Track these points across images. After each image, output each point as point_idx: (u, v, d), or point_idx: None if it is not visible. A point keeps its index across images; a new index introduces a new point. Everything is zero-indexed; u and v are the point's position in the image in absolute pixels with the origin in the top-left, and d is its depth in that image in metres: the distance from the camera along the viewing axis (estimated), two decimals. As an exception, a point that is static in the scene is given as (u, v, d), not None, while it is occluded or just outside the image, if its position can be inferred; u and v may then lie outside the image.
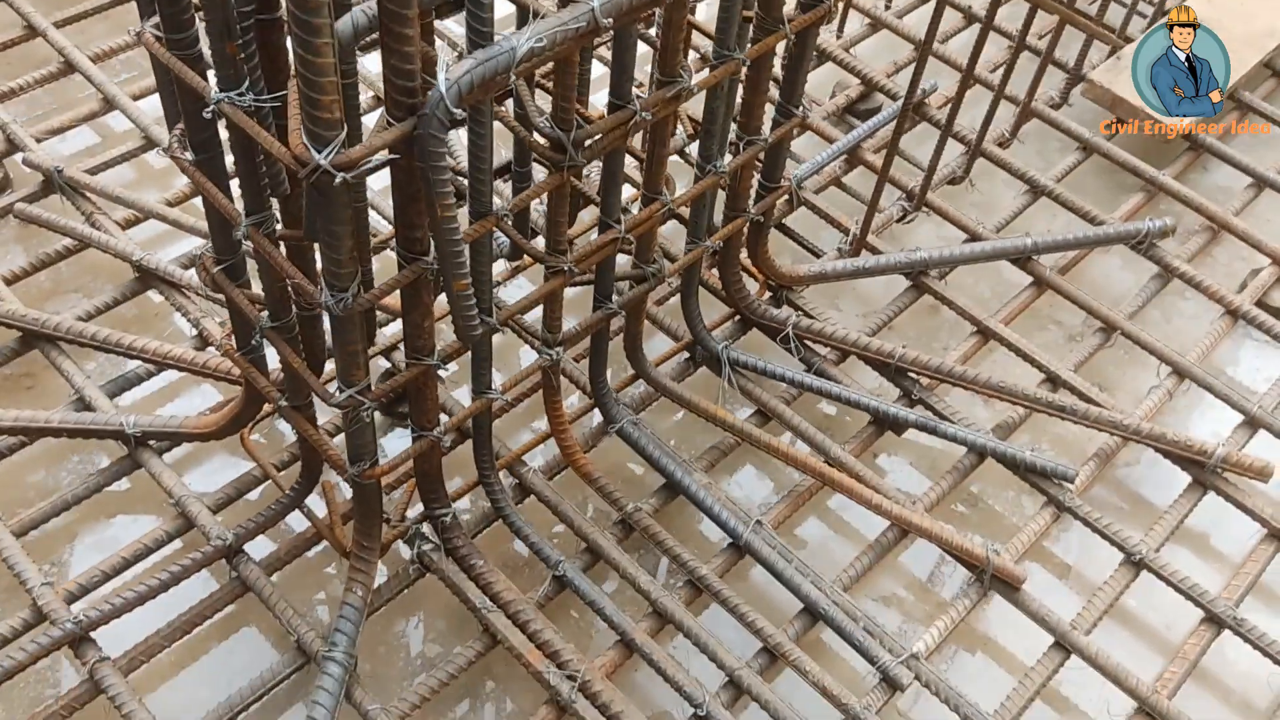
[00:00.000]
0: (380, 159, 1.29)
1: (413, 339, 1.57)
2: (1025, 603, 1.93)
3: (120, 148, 2.44)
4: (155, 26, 1.38)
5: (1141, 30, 2.84)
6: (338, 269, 1.36)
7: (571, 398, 2.17)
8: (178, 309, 2.17)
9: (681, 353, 2.22)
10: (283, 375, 1.68)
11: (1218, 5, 2.83)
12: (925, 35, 2.04)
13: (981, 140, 2.48)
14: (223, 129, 1.43)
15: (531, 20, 1.35)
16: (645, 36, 2.16)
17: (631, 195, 2.29)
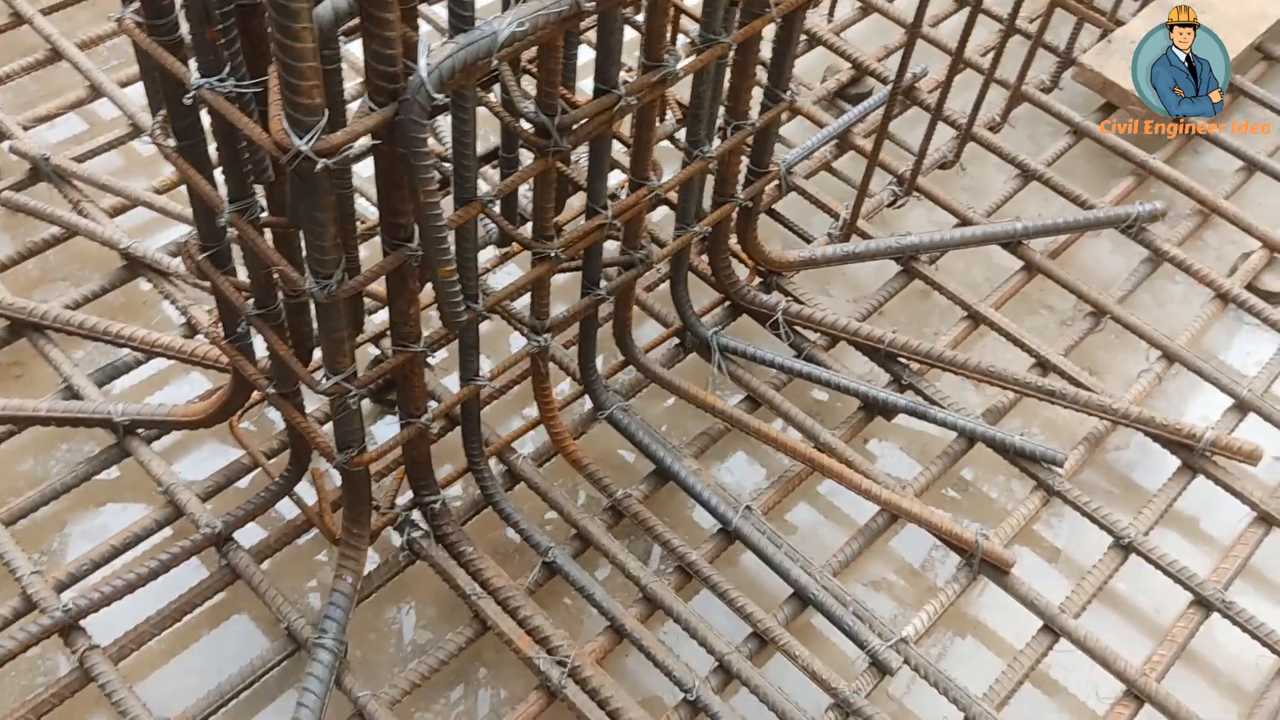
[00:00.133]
0: (363, 145, 1.29)
1: (399, 326, 1.57)
2: (1014, 586, 1.93)
3: (107, 135, 2.42)
4: (136, 12, 1.37)
5: (1132, 14, 2.84)
6: (322, 256, 1.35)
7: (561, 384, 2.17)
8: (166, 297, 2.17)
9: (671, 339, 2.22)
10: (270, 363, 1.68)
11: (1209, -12, 2.82)
12: (914, 18, 2.03)
13: (972, 124, 2.47)
14: (205, 115, 1.43)
15: (514, 4, 1.34)
16: (632, 21, 2.15)
17: (620, 181, 2.28)
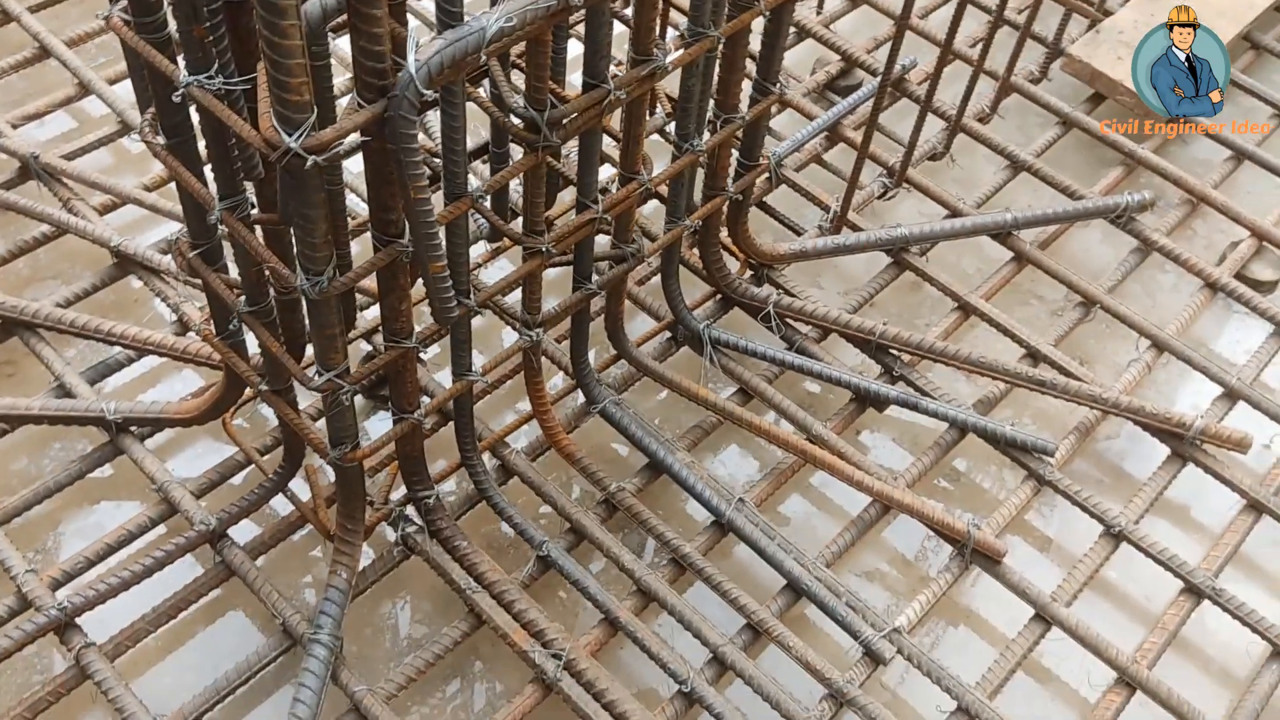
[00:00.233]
0: (352, 141, 1.29)
1: (390, 322, 1.57)
2: (1006, 576, 1.94)
3: (97, 133, 2.42)
4: (123, 10, 1.37)
5: (1120, 4, 2.84)
6: (312, 252, 1.36)
7: (554, 379, 2.17)
8: (157, 294, 2.16)
9: (663, 332, 2.22)
10: (263, 359, 1.68)
11: (1197, -23, 2.83)
12: (903, 10, 2.03)
13: (961, 116, 2.48)
14: (193, 112, 1.43)
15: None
16: (620, 15, 2.14)
17: (610, 175, 2.28)
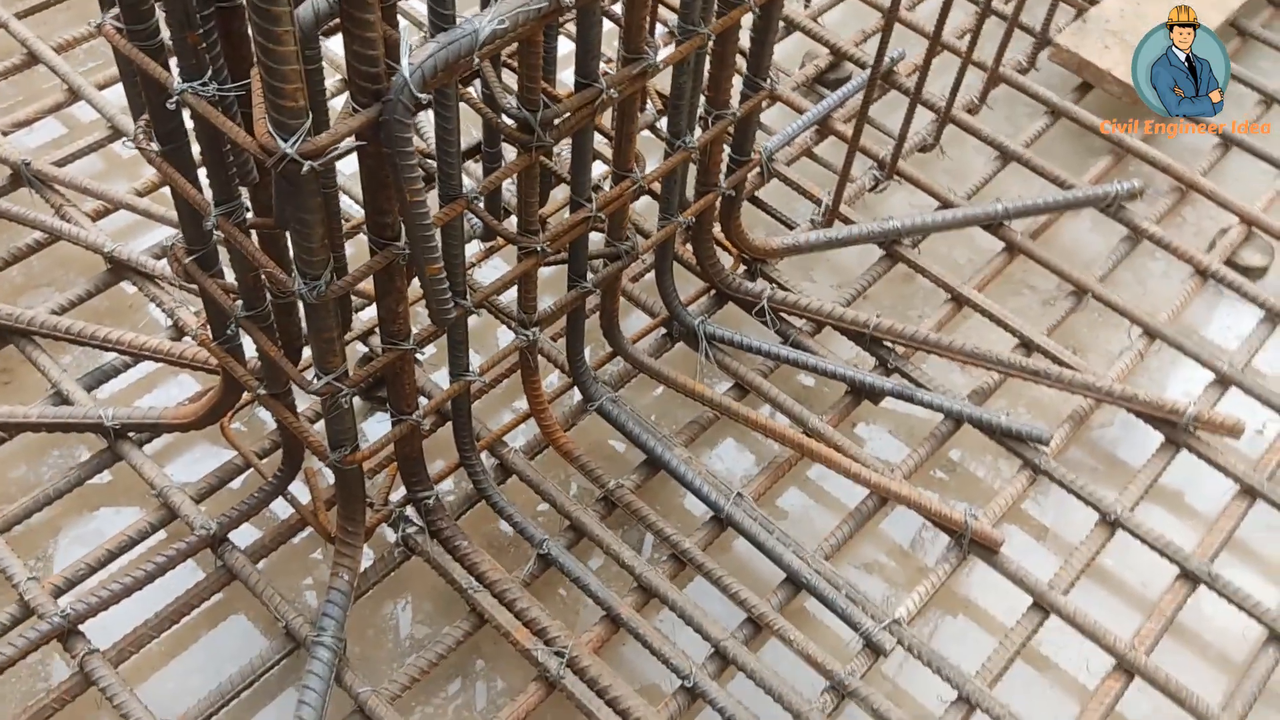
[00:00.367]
0: (346, 145, 1.29)
1: (387, 324, 1.57)
2: (1004, 565, 1.96)
3: (87, 138, 2.41)
4: (115, 18, 1.37)
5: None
6: (310, 257, 1.36)
7: (550, 377, 2.18)
8: (152, 299, 2.16)
9: (658, 329, 2.23)
10: (260, 363, 1.68)
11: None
12: (891, 2, 2.04)
13: (951, 107, 2.48)
14: (187, 118, 1.43)
15: (494, 1, 1.35)
16: (610, 13, 2.15)
17: (602, 173, 2.29)
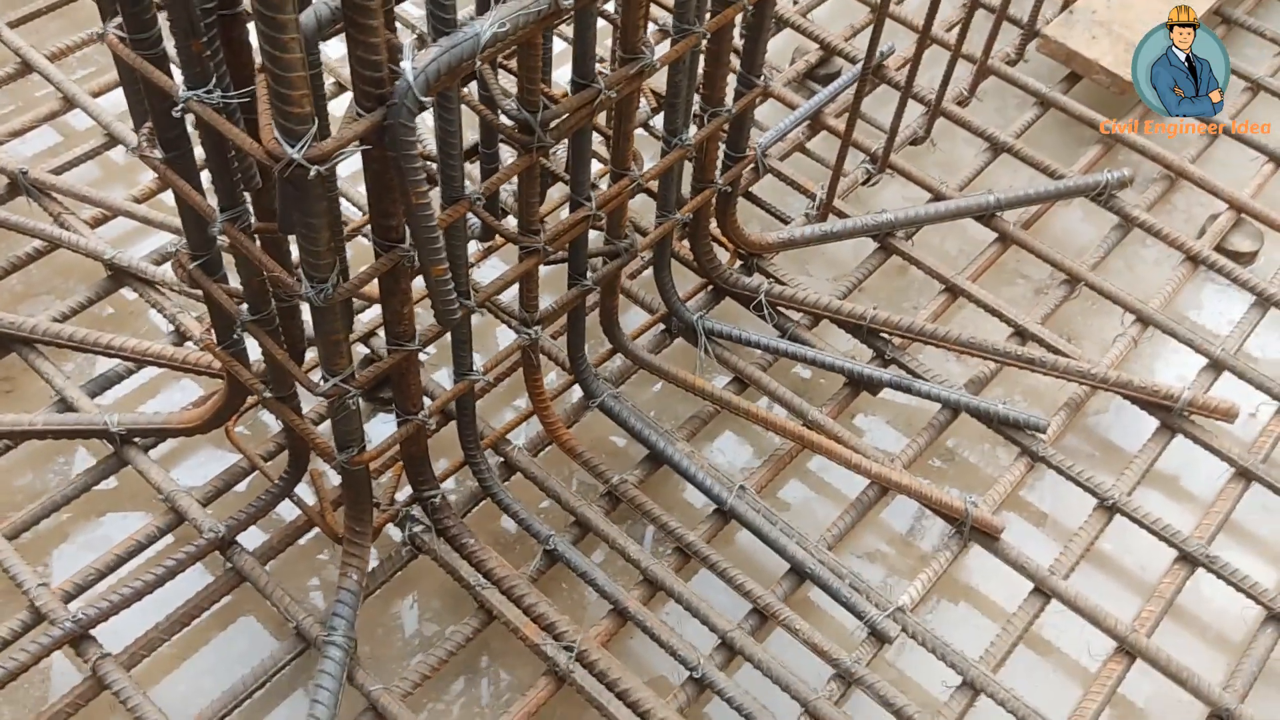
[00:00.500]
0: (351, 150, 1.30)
1: (393, 325, 1.59)
2: (1004, 551, 1.98)
3: (83, 146, 2.42)
4: (118, 27, 1.38)
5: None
6: (316, 260, 1.37)
7: (549, 375, 2.19)
8: (153, 305, 2.17)
9: (657, 325, 2.24)
10: (266, 367, 1.70)
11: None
12: (882, -1, 2.06)
13: (941, 100, 2.50)
14: (190, 125, 1.44)
15: (493, 4, 1.37)
16: (604, 13, 2.16)
17: (598, 171, 2.31)
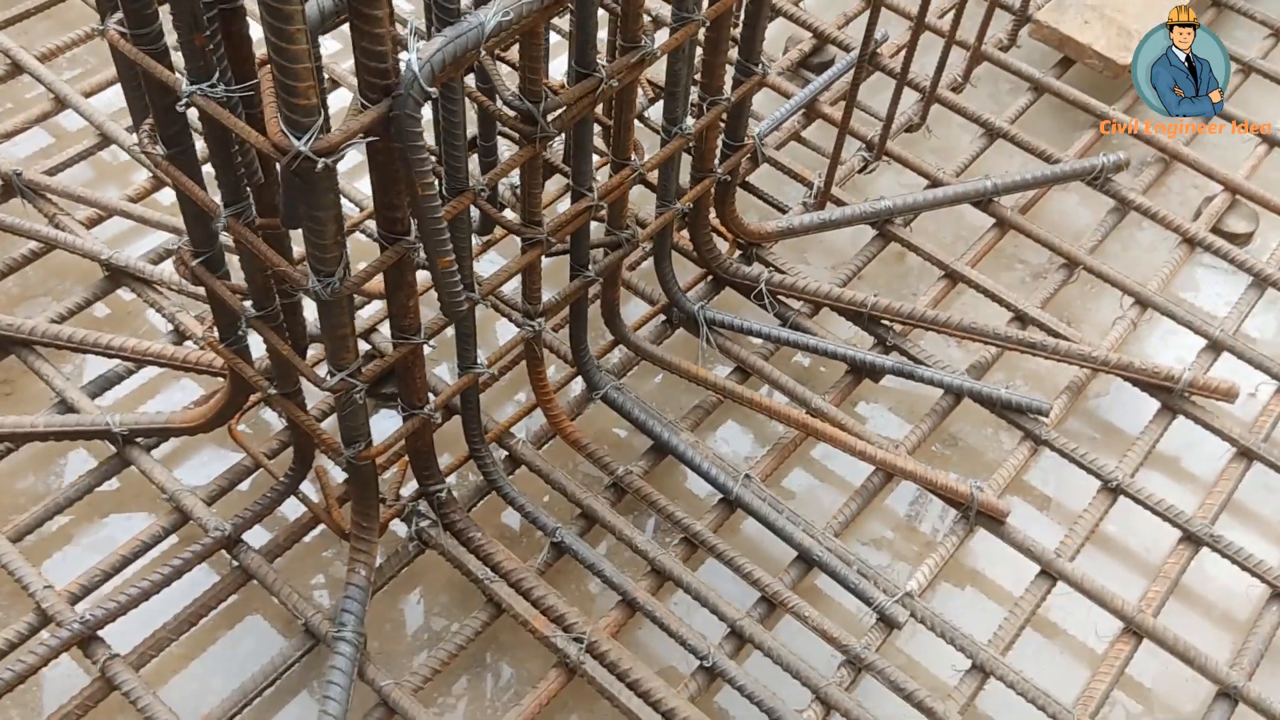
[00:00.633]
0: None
1: (398, 319, 1.58)
2: (1010, 535, 1.99)
3: (76, 147, 2.40)
4: (119, 23, 1.37)
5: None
6: (323, 254, 1.37)
7: (550, 368, 2.19)
8: (151, 305, 2.16)
9: (658, 316, 2.24)
10: (270, 363, 1.69)
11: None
12: (878, -15, 2.06)
13: (935, 86, 2.51)
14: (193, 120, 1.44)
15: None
16: (603, 3, 2.16)
17: (596, 162, 2.30)
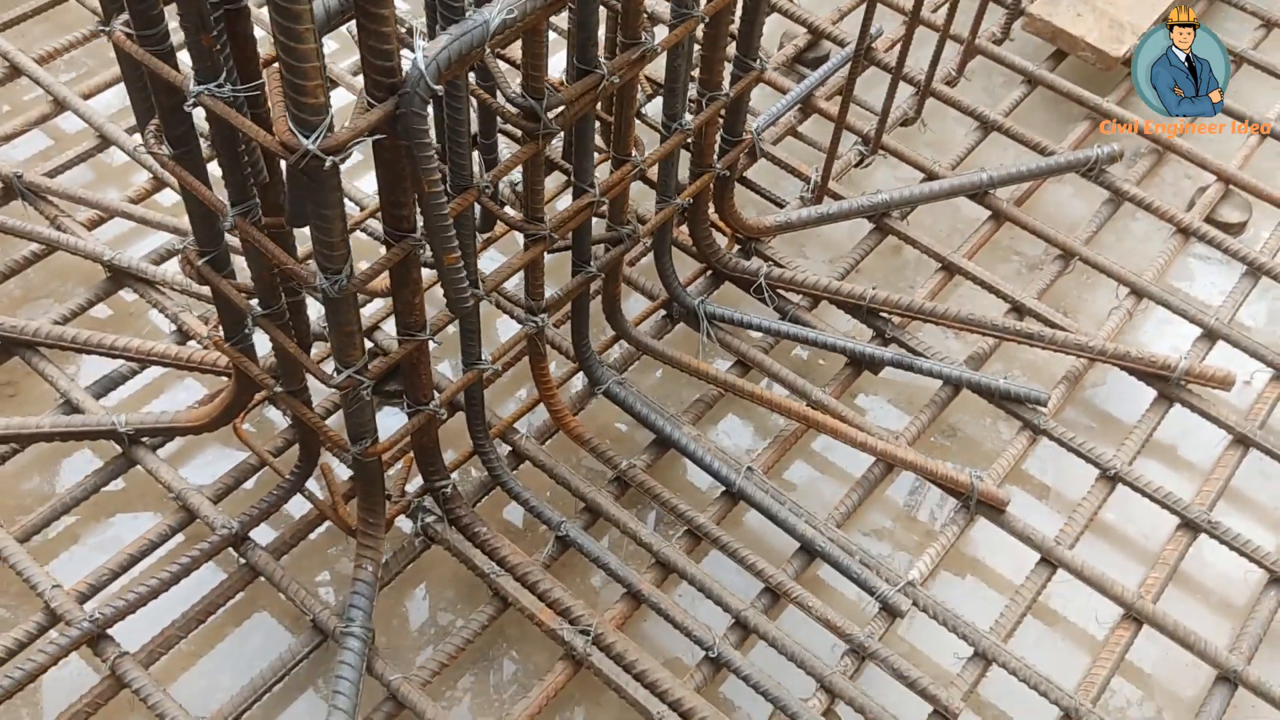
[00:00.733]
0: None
1: (404, 316, 1.59)
2: (1010, 524, 2.00)
3: (76, 149, 2.41)
4: (125, 24, 1.38)
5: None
6: (331, 252, 1.38)
7: (551, 364, 2.20)
8: (153, 305, 2.17)
9: (659, 311, 2.26)
10: (276, 362, 1.70)
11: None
12: (874, -20, 2.07)
13: (930, 80, 2.52)
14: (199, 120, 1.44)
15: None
16: (603, 1, 2.17)
17: (596, 159, 2.31)
